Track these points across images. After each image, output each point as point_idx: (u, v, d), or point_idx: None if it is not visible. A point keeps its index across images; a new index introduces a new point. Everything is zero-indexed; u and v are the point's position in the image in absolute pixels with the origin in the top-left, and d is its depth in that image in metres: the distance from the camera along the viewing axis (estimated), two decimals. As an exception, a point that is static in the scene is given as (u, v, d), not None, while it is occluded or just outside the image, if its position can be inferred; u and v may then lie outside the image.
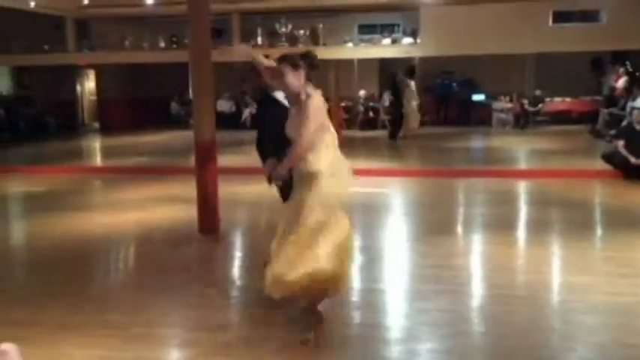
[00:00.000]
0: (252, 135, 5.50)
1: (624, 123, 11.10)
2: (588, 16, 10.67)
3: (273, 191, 4.89)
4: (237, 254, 6.43)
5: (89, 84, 20.83)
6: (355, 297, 4.84)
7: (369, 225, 7.19)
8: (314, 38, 12.16)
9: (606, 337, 3.97)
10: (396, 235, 6.84)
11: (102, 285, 5.38)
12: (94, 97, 20.62)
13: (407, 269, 5.60)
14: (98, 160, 14.74)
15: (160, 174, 10.87)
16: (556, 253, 6.09)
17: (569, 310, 4.46)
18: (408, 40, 12.00)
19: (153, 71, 18.15)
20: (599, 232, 6.99)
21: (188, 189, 7.82)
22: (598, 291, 4.75)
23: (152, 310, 4.54)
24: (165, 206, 8.24)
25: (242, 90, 18.67)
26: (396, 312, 4.55)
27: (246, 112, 18.40)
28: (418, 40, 11.70)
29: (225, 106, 18.86)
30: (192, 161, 7.13)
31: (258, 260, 5.74)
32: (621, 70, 15.04)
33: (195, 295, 4.96)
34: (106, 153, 15.52)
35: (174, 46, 13.63)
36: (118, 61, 16.17)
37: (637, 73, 14.68)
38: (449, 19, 11.19)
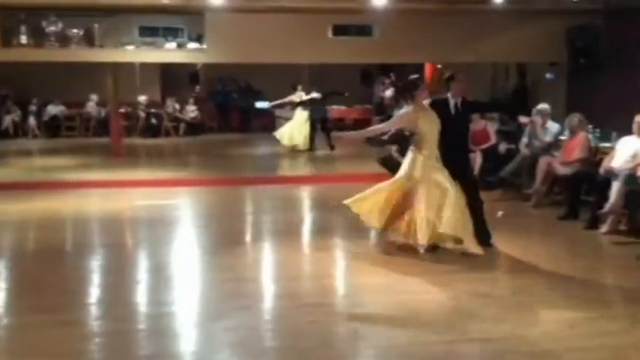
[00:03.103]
0: (16, 144, 4.82)
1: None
2: (363, 31, 11.37)
3: (42, 207, 4.33)
4: (5, 285, 5.54)
5: None
6: (144, 324, 4.47)
7: (159, 241, 6.78)
8: (89, 39, 11.19)
9: (402, 337, 4.13)
10: (189, 250, 6.52)
11: None
12: None
13: (203, 286, 5.36)
14: None
15: None
16: (345, 256, 6.30)
17: (366, 313, 4.62)
18: (193, 45, 11.62)
19: None
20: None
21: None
22: (392, 291, 4.99)
23: None
24: None
25: (2, 94, 16.60)
26: (192, 336, 4.28)
27: (8, 119, 16.39)
28: (204, 46, 11.40)
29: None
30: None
31: (30, 292, 5.05)
32: (387, 81, 16.48)
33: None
34: None
35: None
36: None
37: (400, 84, 16.19)
38: (234, 26, 11.09)
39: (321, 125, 14.07)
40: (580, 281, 5.23)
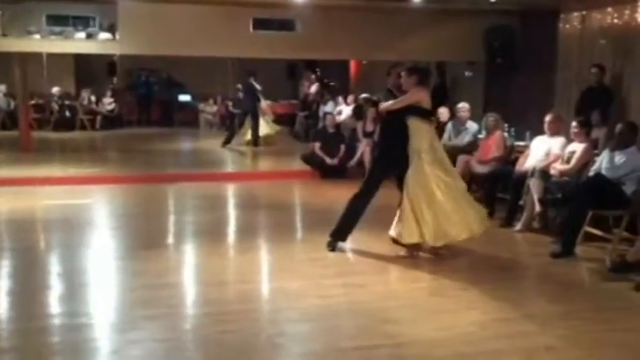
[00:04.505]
0: None
1: (320, 126, 12.05)
2: (285, 25, 11.23)
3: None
4: None
5: None
6: (56, 337, 4.19)
7: (70, 245, 6.42)
8: (-8, 27, 10.51)
9: (319, 343, 4.06)
10: (103, 254, 6.18)
11: None
12: None
13: (116, 294, 5.08)
14: None
15: None
16: (267, 259, 6.20)
17: (283, 319, 4.50)
18: (105, 35, 11.10)
19: None
20: (304, 233, 7.32)
21: None
22: (309, 295, 4.88)
23: None
24: None
25: None
26: (103, 349, 4.03)
27: None
28: (117, 36, 10.91)
29: None
30: None
31: None
32: (312, 76, 16.43)
33: None
34: None
35: None
36: None
37: (326, 80, 16.19)
38: (150, 17, 10.67)
39: (251, 119, 13.75)
40: (494, 281, 5.31)
